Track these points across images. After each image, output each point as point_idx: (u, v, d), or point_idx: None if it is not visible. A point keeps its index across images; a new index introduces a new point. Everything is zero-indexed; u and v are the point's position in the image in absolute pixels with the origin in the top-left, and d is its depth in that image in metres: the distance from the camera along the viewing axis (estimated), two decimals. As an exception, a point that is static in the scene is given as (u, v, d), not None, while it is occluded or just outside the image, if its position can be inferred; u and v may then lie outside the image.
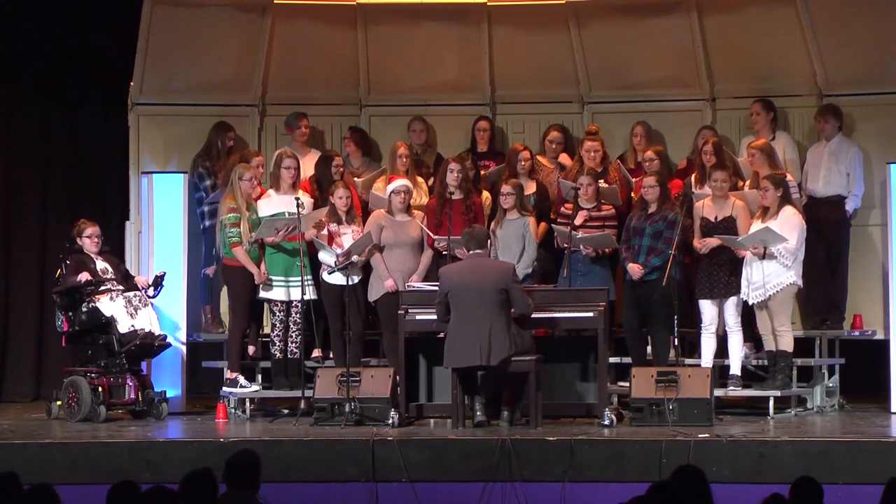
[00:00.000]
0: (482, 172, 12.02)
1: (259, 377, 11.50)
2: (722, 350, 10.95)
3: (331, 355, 11.42)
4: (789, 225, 10.68)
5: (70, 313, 11.12)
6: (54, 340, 12.01)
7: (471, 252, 10.45)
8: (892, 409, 10.99)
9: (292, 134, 12.30)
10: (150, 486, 6.29)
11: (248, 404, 11.36)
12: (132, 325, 11.04)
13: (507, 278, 10.22)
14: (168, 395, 11.24)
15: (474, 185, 11.61)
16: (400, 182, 11.37)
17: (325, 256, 11.25)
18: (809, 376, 11.34)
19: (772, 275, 10.66)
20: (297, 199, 11.17)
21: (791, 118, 12.33)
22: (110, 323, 10.99)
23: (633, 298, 11.01)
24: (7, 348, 13.13)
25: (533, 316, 10.48)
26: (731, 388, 10.85)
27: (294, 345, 11.30)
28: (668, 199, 11.02)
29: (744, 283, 10.75)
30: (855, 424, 10.51)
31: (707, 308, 10.90)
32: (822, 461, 9.04)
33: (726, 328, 10.89)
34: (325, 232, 11.29)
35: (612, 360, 11.06)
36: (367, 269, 11.33)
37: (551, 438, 9.50)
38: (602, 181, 11.47)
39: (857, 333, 11.71)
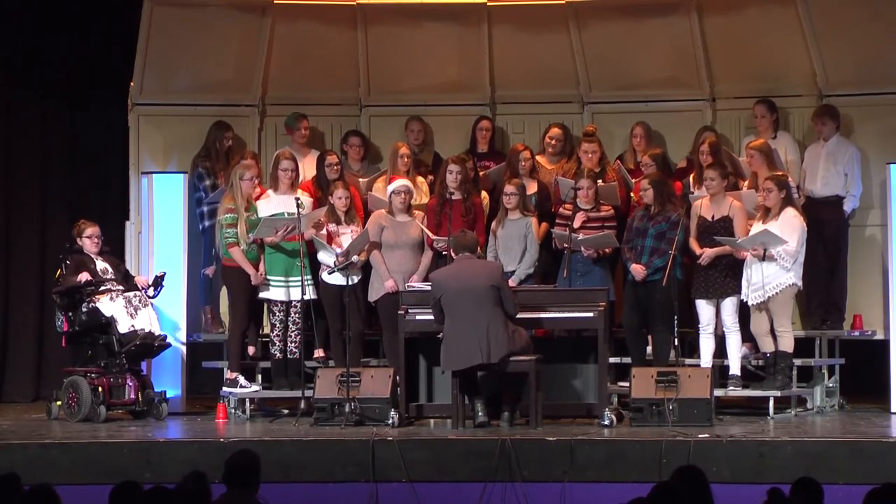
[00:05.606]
0: (481, 173, 12.01)
1: (259, 377, 11.50)
2: (722, 350, 10.94)
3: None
4: (790, 227, 10.66)
5: (70, 314, 11.12)
6: (54, 340, 12.00)
7: (459, 255, 10.46)
8: (892, 410, 10.99)
9: (292, 136, 12.30)
10: (150, 486, 6.29)
11: (247, 404, 11.36)
12: (132, 326, 11.04)
13: (497, 276, 10.26)
14: (168, 396, 11.24)
15: (474, 186, 11.61)
16: (400, 182, 11.36)
17: (325, 257, 11.24)
18: (809, 376, 11.33)
19: (771, 276, 10.65)
20: (297, 199, 11.16)
21: (791, 118, 12.33)
22: (110, 323, 10.99)
23: (634, 298, 11.00)
24: (7, 348, 13.12)
25: (534, 316, 10.48)
26: (731, 388, 10.85)
27: (294, 345, 11.29)
28: (671, 199, 11.01)
29: (744, 284, 10.74)
30: (855, 425, 10.50)
31: (704, 308, 10.89)
32: (822, 461, 9.04)
33: (724, 328, 10.89)
34: (324, 232, 11.29)
35: (612, 360, 11.04)
36: (367, 269, 11.33)
37: (551, 438, 9.49)
38: (600, 181, 11.47)
39: (857, 333, 11.71)
